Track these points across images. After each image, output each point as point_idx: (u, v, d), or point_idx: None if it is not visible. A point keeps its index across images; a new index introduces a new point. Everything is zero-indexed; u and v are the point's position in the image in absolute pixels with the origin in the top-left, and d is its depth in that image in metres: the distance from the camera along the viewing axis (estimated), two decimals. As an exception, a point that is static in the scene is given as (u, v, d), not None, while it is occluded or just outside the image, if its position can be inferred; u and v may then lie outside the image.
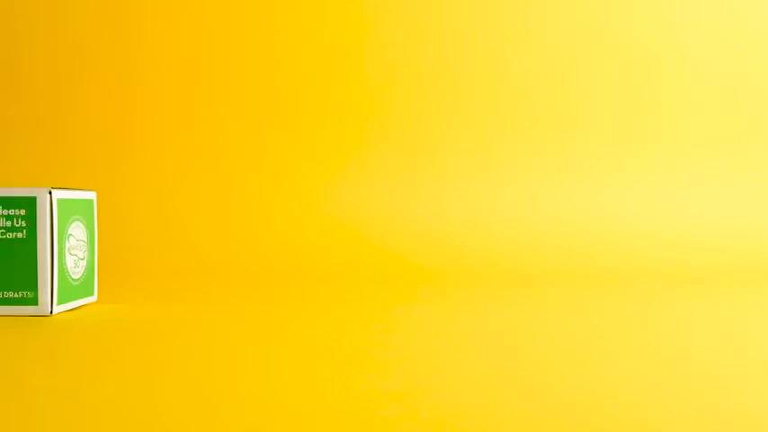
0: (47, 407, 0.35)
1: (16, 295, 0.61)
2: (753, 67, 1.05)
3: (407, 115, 1.05)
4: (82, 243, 0.65)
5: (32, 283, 0.61)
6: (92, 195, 0.67)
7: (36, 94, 1.08)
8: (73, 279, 0.64)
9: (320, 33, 1.06)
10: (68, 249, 0.63)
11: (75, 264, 0.64)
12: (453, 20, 1.05)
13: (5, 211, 0.61)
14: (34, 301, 0.61)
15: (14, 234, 0.61)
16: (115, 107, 1.07)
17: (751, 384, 0.38)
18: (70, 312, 0.63)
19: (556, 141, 1.04)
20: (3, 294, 0.61)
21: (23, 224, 0.61)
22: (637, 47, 1.05)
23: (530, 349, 0.47)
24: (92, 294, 0.67)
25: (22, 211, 0.61)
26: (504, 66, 1.05)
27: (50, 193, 0.61)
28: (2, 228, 0.61)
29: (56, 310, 0.62)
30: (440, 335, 0.52)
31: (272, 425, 0.32)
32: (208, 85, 1.07)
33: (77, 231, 0.65)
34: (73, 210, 0.64)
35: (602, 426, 0.32)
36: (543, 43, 1.05)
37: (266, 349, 0.47)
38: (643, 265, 0.93)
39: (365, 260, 0.95)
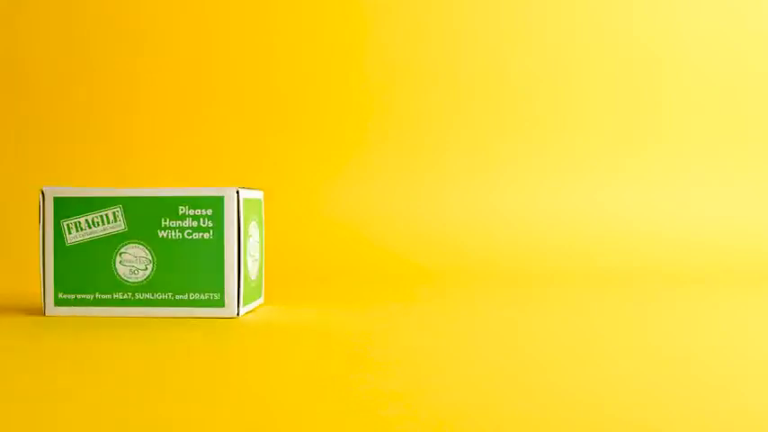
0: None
1: (203, 297, 0.59)
2: (753, 67, 1.05)
3: (407, 115, 1.05)
4: (257, 244, 0.63)
5: (219, 285, 0.58)
6: (260, 195, 0.64)
7: (36, 94, 1.08)
8: (251, 280, 0.61)
9: (320, 33, 1.06)
10: (248, 250, 0.61)
11: (253, 264, 0.62)
12: (453, 20, 1.05)
13: (192, 211, 0.59)
14: (221, 303, 0.58)
15: (201, 234, 0.59)
16: (115, 107, 1.07)
17: (751, 384, 0.38)
18: (253, 314, 0.61)
19: (556, 141, 1.04)
20: (189, 296, 0.59)
21: (210, 224, 0.58)
22: (637, 47, 1.05)
23: (530, 349, 0.47)
24: (260, 296, 0.64)
25: (209, 211, 0.58)
26: (504, 66, 1.05)
27: (238, 192, 0.58)
28: (188, 228, 0.59)
29: (242, 311, 0.59)
30: (440, 335, 0.52)
31: (272, 425, 0.32)
32: (208, 85, 1.07)
33: (254, 232, 0.62)
34: (251, 210, 0.62)
35: (603, 426, 0.32)
36: (543, 43, 1.05)
37: (266, 349, 0.47)
38: (643, 265, 0.93)
39: (365, 260, 0.95)
